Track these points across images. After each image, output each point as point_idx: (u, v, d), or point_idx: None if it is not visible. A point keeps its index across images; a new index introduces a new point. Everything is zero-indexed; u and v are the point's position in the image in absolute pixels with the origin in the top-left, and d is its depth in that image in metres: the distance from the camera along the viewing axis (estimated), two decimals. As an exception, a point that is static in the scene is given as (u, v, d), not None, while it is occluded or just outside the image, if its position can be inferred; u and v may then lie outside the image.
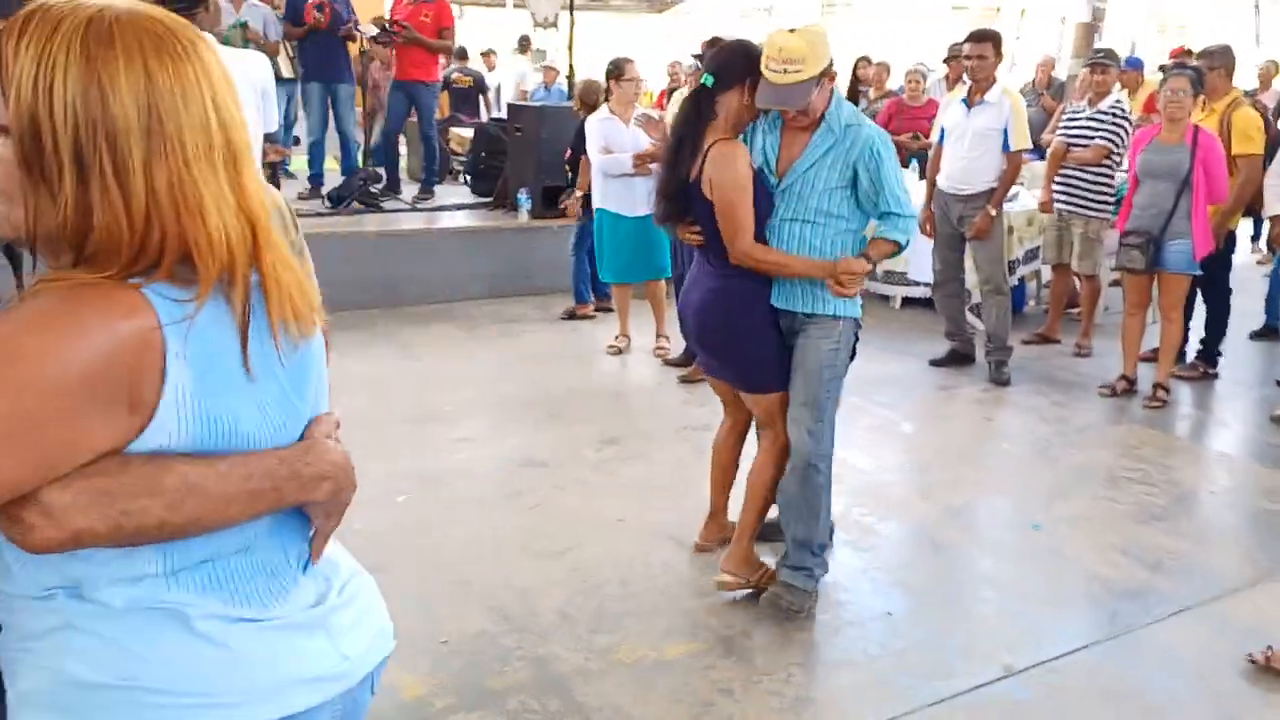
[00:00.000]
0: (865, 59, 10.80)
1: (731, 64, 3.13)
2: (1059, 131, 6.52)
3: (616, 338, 6.29)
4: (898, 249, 3.22)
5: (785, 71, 2.95)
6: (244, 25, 7.72)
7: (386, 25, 7.92)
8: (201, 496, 1.05)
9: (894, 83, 10.31)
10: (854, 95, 10.61)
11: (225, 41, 7.67)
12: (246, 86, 3.59)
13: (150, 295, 1.01)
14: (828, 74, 3.03)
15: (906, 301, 7.50)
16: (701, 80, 3.20)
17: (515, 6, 16.41)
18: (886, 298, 7.58)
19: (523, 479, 4.27)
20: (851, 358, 3.33)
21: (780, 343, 3.24)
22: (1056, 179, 6.28)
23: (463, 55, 11.61)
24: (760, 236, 3.12)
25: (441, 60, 8.50)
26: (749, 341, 3.25)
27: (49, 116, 0.98)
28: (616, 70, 5.97)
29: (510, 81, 13.26)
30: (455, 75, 11.19)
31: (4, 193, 1.02)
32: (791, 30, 3.01)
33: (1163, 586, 3.48)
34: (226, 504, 1.07)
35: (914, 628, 3.23)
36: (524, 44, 14.27)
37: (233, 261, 1.05)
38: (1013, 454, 4.90)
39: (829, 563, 3.40)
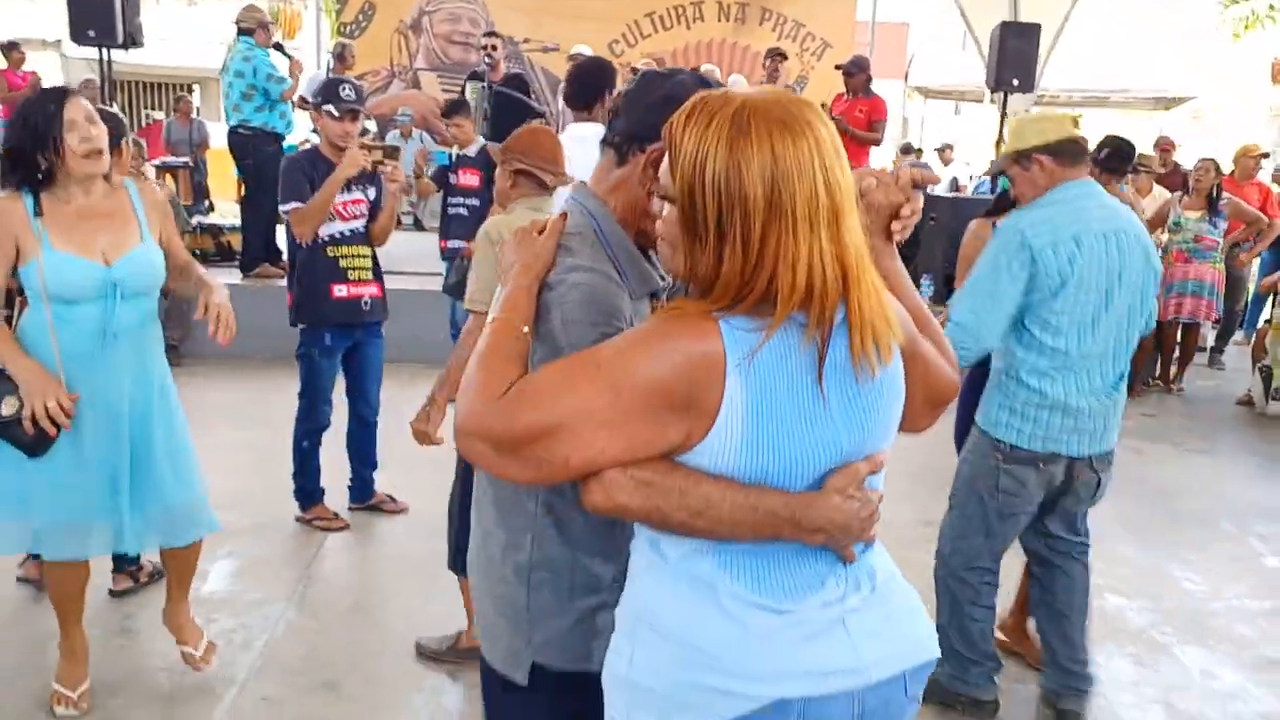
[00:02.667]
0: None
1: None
2: None
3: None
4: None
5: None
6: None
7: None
8: (714, 516, 1.25)
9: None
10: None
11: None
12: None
13: (724, 326, 1.22)
14: (1031, 157, 2.83)
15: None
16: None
17: (990, 102, 16.43)
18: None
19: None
20: (999, 494, 2.93)
21: None
22: None
23: (908, 150, 11.98)
24: None
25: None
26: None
27: (701, 191, 1.22)
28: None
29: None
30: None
31: (670, 243, 1.31)
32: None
33: None
34: (732, 527, 1.26)
35: (1156, 749, 3.06)
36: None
37: (816, 302, 1.22)
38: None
39: (991, 686, 3.12)
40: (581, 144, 4.20)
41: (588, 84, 4.38)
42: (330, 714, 3.00)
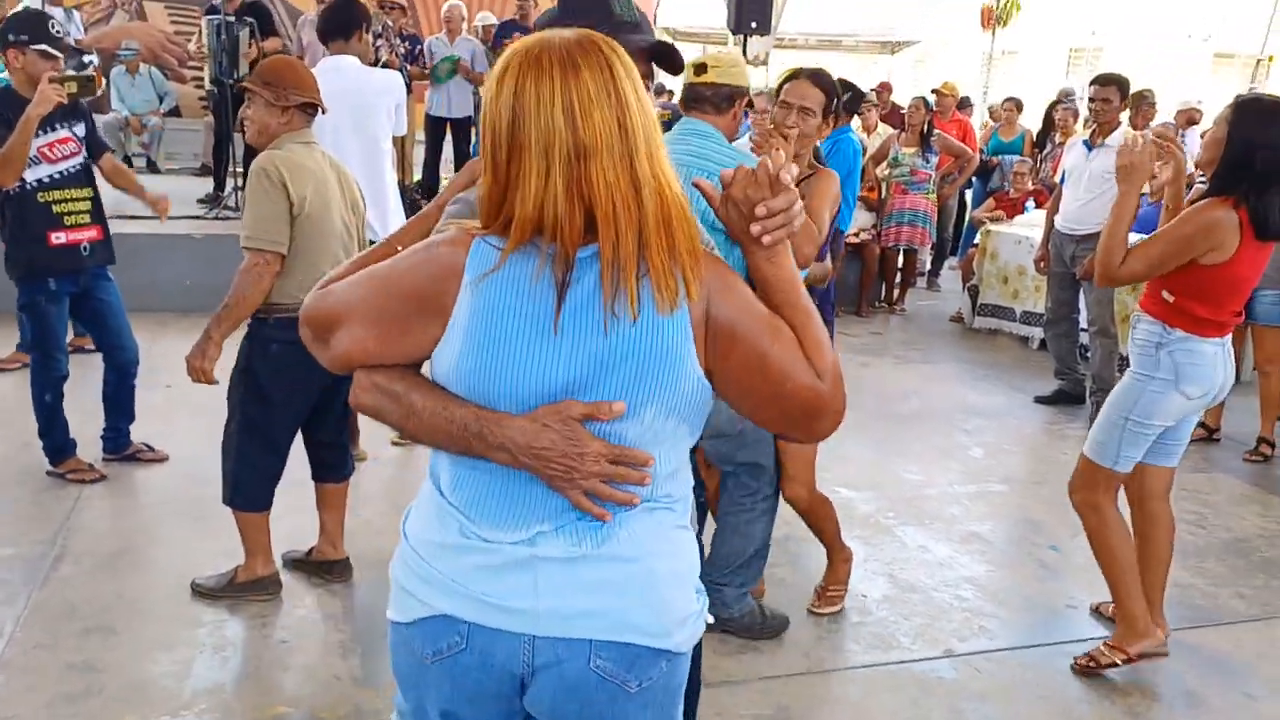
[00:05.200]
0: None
1: None
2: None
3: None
4: None
5: None
6: (456, 60, 8.73)
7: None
8: (419, 422, 1.35)
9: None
10: (1044, 139, 10.55)
11: (434, 72, 8.73)
12: (388, 98, 4.42)
13: (476, 243, 1.31)
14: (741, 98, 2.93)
15: (1044, 344, 7.50)
16: None
17: (734, 44, 17.13)
18: (1026, 339, 7.62)
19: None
20: None
21: None
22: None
23: (660, 91, 12.33)
24: None
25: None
26: None
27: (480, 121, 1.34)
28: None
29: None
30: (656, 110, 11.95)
31: None
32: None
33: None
34: (432, 434, 1.35)
35: (881, 609, 3.53)
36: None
37: (548, 234, 1.27)
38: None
39: None
40: (338, 74, 4.21)
41: (343, 18, 4.38)
42: (109, 655, 2.98)
